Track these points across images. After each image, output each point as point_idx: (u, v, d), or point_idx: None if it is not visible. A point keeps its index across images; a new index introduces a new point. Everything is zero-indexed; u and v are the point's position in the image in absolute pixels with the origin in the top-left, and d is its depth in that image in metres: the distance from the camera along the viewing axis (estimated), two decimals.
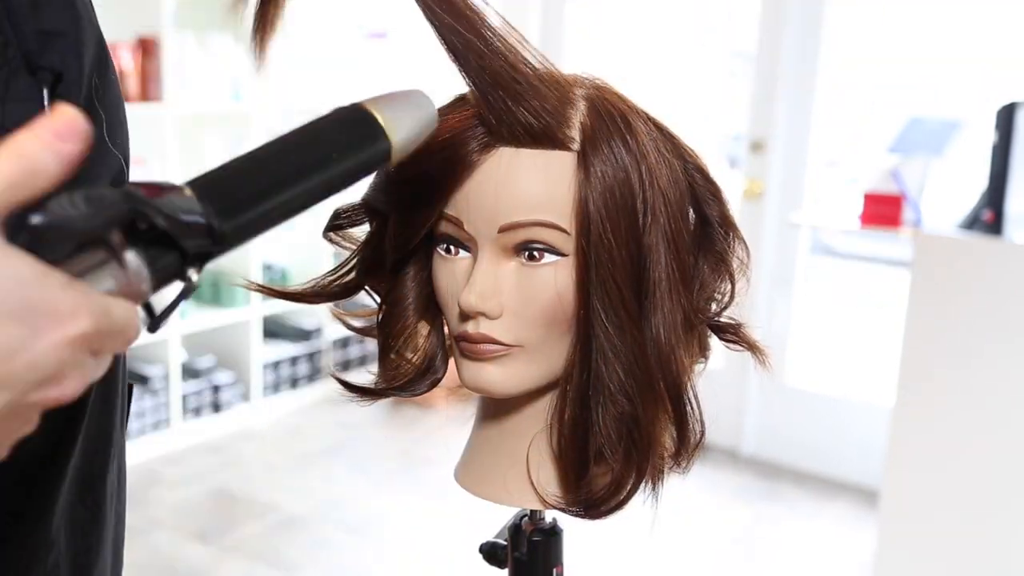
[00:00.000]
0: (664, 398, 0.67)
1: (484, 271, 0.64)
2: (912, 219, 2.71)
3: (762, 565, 2.93)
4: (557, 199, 0.63)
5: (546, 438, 0.69)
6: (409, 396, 0.73)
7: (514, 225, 0.63)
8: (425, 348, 0.73)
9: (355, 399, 0.74)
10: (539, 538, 0.75)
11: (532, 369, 0.66)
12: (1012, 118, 2.35)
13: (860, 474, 3.35)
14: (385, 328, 0.72)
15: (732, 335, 0.73)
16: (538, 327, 0.65)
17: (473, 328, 0.65)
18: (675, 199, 0.66)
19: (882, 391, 3.27)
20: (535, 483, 0.69)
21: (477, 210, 0.64)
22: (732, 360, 3.35)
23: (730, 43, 4.12)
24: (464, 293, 0.64)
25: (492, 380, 0.66)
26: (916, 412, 2.38)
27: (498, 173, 0.63)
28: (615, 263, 0.63)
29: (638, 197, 0.64)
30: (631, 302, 0.64)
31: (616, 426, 0.66)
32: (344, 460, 3.54)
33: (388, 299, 0.72)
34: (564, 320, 0.65)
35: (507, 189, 0.63)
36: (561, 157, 0.63)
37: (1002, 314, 2.23)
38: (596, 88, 0.67)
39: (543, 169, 0.63)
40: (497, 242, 0.64)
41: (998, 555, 2.28)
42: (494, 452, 0.72)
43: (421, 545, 2.97)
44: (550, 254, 0.64)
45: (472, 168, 0.64)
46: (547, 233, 0.63)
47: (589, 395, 0.66)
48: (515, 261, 0.65)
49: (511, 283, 0.65)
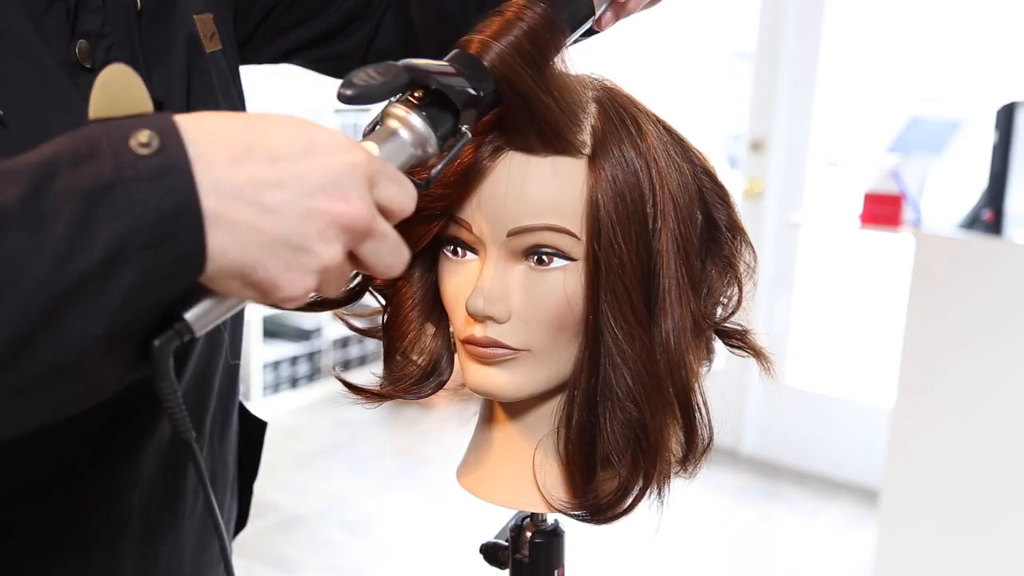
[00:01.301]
0: (673, 404, 0.66)
1: (492, 275, 0.64)
2: (912, 219, 2.70)
3: (762, 565, 2.93)
4: (567, 203, 0.63)
5: (552, 442, 0.69)
6: (414, 399, 0.72)
7: (524, 229, 0.63)
8: (431, 350, 0.72)
9: (360, 401, 0.73)
10: (541, 540, 0.74)
11: (539, 373, 0.66)
12: (1012, 118, 2.35)
13: (860, 474, 3.35)
14: (390, 330, 0.72)
15: (738, 341, 0.73)
16: (546, 331, 0.65)
17: (480, 332, 0.64)
18: (684, 203, 0.66)
19: (882, 391, 3.27)
20: (540, 487, 0.69)
21: (486, 214, 0.63)
22: (732, 360, 3.34)
23: (730, 43, 4.12)
24: (472, 297, 0.64)
25: (499, 384, 0.66)
26: (916, 412, 2.38)
27: (508, 177, 0.63)
28: (625, 268, 0.63)
29: (648, 201, 0.64)
30: (640, 307, 0.64)
31: (624, 432, 0.66)
32: (344, 460, 3.54)
33: (393, 301, 0.72)
34: (572, 325, 0.65)
35: (517, 193, 0.62)
36: (571, 161, 0.63)
37: (1002, 314, 2.23)
38: (606, 90, 0.67)
39: (553, 173, 0.63)
40: (506, 246, 0.64)
41: (998, 555, 2.28)
42: (498, 454, 0.71)
43: (421, 545, 2.97)
44: (559, 258, 0.64)
45: (482, 172, 0.63)
46: (557, 237, 0.63)
47: (597, 400, 0.66)
48: (523, 265, 0.64)
49: (519, 287, 0.64)
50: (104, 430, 0.70)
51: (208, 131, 0.47)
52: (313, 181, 0.48)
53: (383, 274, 0.53)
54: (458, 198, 0.64)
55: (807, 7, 3.42)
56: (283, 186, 0.47)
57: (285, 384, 3.98)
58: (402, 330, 0.71)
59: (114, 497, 0.72)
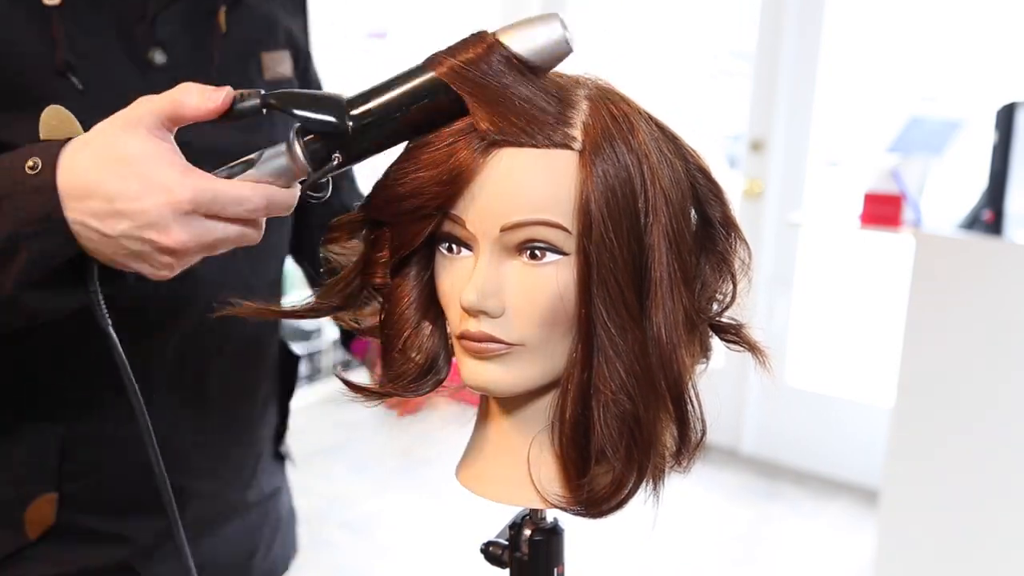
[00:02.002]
0: (665, 397, 0.67)
1: (485, 270, 0.64)
2: (912, 219, 2.71)
3: (762, 565, 2.94)
4: (559, 198, 0.63)
5: (547, 437, 0.70)
6: (413, 396, 0.73)
7: (516, 224, 0.63)
8: (427, 348, 0.73)
9: (359, 399, 0.74)
10: (540, 538, 0.74)
11: (534, 368, 0.67)
12: (1012, 118, 2.35)
13: (860, 474, 3.35)
14: (387, 328, 0.72)
15: (733, 335, 0.73)
16: (539, 326, 0.65)
17: (475, 326, 0.65)
18: (677, 199, 0.66)
19: (882, 391, 3.27)
20: (536, 482, 0.69)
21: (479, 209, 0.64)
22: (732, 360, 3.35)
23: (730, 43, 4.12)
24: (466, 291, 0.64)
25: (493, 379, 0.66)
26: (916, 412, 2.38)
27: (500, 172, 0.64)
28: (616, 262, 0.64)
29: (640, 197, 0.64)
30: (632, 301, 0.65)
31: (618, 425, 0.66)
32: (344, 460, 3.54)
33: (391, 299, 0.72)
34: (566, 319, 0.65)
35: (509, 188, 0.63)
36: (563, 157, 0.64)
37: (1002, 314, 2.23)
38: (599, 89, 0.67)
39: (545, 169, 0.63)
40: (499, 241, 0.64)
41: (998, 555, 2.28)
42: (495, 451, 0.72)
43: (421, 545, 2.97)
44: (552, 253, 0.64)
45: (476, 169, 0.64)
46: (549, 232, 0.64)
47: (591, 394, 0.66)
48: (517, 260, 0.65)
49: (513, 282, 0.65)
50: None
51: (73, 167, 0.67)
52: (143, 219, 0.66)
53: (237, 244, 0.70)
54: (452, 195, 0.64)
55: (807, 7, 3.43)
56: (122, 218, 0.66)
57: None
58: (399, 327, 0.72)
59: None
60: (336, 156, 0.67)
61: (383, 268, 0.71)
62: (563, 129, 0.64)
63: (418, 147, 0.65)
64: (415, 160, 0.65)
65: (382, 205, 0.67)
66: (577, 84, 0.67)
